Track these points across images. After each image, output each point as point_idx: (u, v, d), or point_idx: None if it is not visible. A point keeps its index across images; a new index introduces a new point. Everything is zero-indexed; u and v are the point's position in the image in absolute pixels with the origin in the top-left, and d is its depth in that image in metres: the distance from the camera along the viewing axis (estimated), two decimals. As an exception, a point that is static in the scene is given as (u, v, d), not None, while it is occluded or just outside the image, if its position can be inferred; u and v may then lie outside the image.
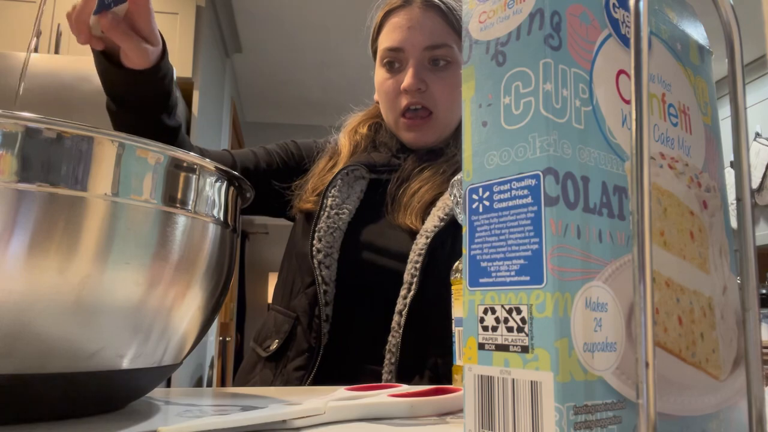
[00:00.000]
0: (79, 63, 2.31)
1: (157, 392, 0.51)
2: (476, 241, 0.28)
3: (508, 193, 0.27)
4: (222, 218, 0.43)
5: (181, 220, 0.38)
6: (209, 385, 3.14)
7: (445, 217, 0.76)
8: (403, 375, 0.72)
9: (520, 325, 0.25)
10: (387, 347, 0.73)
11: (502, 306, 0.26)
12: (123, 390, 0.40)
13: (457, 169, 0.82)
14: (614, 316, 0.26)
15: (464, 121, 0.30)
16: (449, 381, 0.68)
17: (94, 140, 0.34)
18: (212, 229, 0.42)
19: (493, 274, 0.27)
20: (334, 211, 0.80)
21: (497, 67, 0.29)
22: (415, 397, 0.42)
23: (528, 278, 0.25)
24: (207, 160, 0.41)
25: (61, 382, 0.34)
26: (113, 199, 0.35)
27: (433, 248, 0.75)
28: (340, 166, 0.85)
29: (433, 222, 0.77)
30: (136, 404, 0.44)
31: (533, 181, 0.26)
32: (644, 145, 0.23)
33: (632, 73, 0.24)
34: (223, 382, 3.75)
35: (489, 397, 0.26)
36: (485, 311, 0.27)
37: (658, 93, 0.31)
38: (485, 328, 0.27)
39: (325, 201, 0.81)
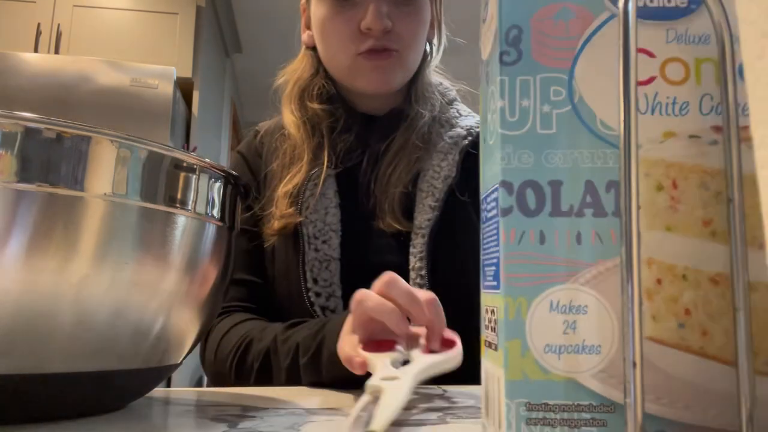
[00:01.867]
0: (79, 63, 2.31)
1: (157, 392, 0.51)
2: (483, 247, 0.31)
3: (487, 206, 0.30)
4: (222, 218, 0.43)
5: (181, 220, 0.38)
6: (209, 385, 3.14)
7: (435, 204, 0.68)
8: None
9: (494, 325, 0.28)
10: None
11: (488, 308, 0.30)
12: (123, 390, 0.40)
13: (425, 133, 0.73)
14: (598, 319, 0.26)
15: (480, 138, 0.33)
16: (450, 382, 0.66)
17: (94, 140, 0.34)
18: (212, 229, 0.42)
19: (485, 279, 0.30)
20: (320, 240, 0.68)
21: (486, 86, 0.31)
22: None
23: (495, 283, 0.28)
24: (207, 159, 0.41)
25: (60, 382, 0.34)
26: (112, 199, 0.35)
27: (434, 245, 0.67)
28: (304, 168, 0.71)
29: (424, 214, 0.68)
30: (136, 404, 0.44)
31: (496, 194, 0.28)
32: (632, 145, 0.24)
33: (620, 72, 0.24)
34: (223, 382, 3.74)
35: (486, 388, 0.30)
36: (485, 311, 0.30)
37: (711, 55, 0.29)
38: (485, 327, 0.30)
39: (304, 229, 0.69)
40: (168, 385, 2.13)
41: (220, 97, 3.33)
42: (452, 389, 0.57)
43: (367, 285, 0.68)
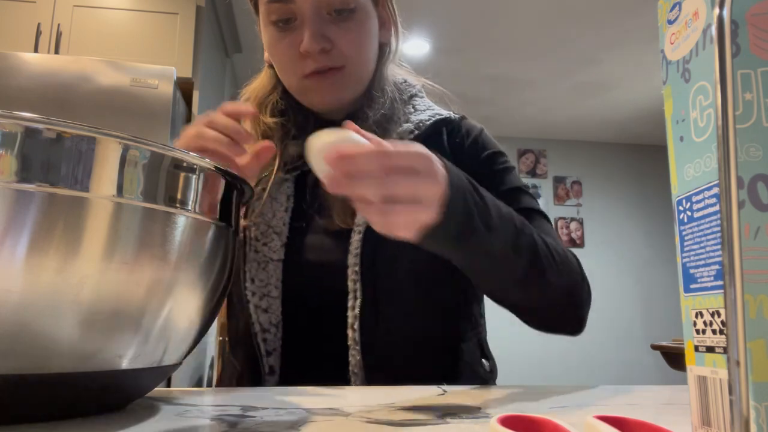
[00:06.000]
0: (79, 63, 2.31)
1: (157, 392, 0.51)
2: (685, 249, 0.30)
3: (702, 202, 0.29)
4: (222, 218, 0.43)
5: (181, 220, 0.38)
6: (209, 385, 3.14)
7: None
8: (370, 378, 0.65)
9: (721, 327, 0.27)
10: (350, 369, 0.65)
11: (707, 310, 0.28)
12: (123, 390, 0.40)
13: (375, 131, 0.70)
14: None
15: (667, 138, 0.33)
16: (419, 381, 0.64)
17: (94, 140, 0.34)
18: (212, 229, 0.42)
19: (699, 280, 0.29)
20: (261, 242, 0.70)
21: (685, 84, 0.31)
22: None
23: (718, 284, 0.27)
24: (206, 160, 0.41)
25: (60, 382, 0.34)
26: (113, 199, 0.35)
27: (373, 242, 0.66)
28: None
29: None
30: (136, 404, 0.44)
31: (713, 191, 0.27)
32: (730, 137, 0.23)
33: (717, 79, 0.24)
34: (223, 382, 3.74)
35: (705, 396, 0.28)
36: (696, 315, 0.29)
37: None
38: (697, 332, 0.29)
39: (247, 232, 0.70)
40: (168, 385, 2.13)
41: (220, 97, 3.33)
42: (452, 389, 0.57)
43: (305, 284, 0.68)
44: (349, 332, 0.66)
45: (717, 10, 0.25)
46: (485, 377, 0.74)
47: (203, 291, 0.42)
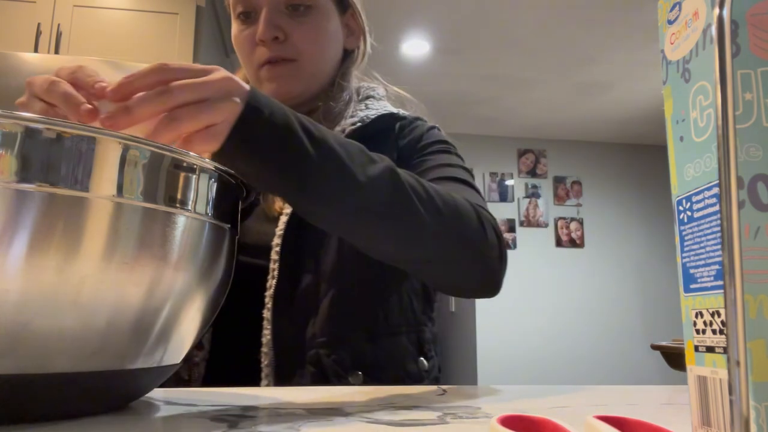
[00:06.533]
0: (79, 63, 2.31)
1: (157, 392, 0.51)
2: (685, 249, 0.30)
3: (702, 202, 0.29)
4: (222, 218, 0.43)
5: (181, 220, 0.38)
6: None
7: None
8: (282, 375, 0.67)
9: (721, 327, 0.27)
10: (262, 349, 0.67)
11: (707, 310, 0.28)
12: (123, 390, 0.40)
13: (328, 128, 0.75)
14: None
15: (667, 138, 0.33)
16: (337, 376, 0.67)
17: (94, 140, 0.34)
18: (212, 229, 0.42)
19: (699, 280, 0.29)
20: None
21: (685, 84, 0.31)
22: None
23: (718, 284, 0.27)
24: (206, 160, 0.41)
25: (60, 382, 0.34)
26: (113, 199, 0.35)
27: (297, 225, 0.68)
28: None
29: None
30: (136, 404, 0.44)
31: (713, 191, 0.28)
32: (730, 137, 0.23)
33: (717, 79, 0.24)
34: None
35: (705, 396, 0.29)
36: (696, 315, 0.29)
37: None
38: (697, 332, 0.29)
39: None
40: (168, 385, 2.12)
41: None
42: (452, 389, 0.57)
43: (238, 264, 0.64)
44: (264, 312, 0.68)
45: (717, 10, 0.25)
46: (417, 376, 0.73)
47: (203, 291, 0.42)
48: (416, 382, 0.72)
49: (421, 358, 0.75)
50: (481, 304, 4.77)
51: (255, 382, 0.68)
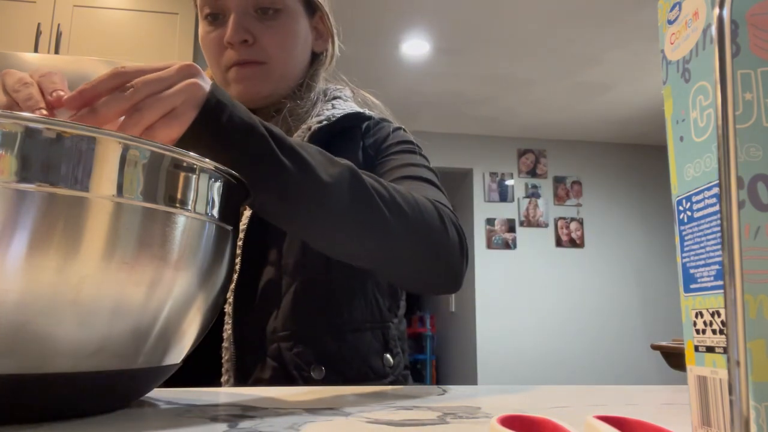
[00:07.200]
0: (79, 63, 2.31)
1: (157, 392, 0.51)
2: (685, 249, 0.30)
3: (702, 202, 0.29)
4: (222, 218, 0.43)
5: (181, 220, 0.38)
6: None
7: None
8: (243, 371, 0.67)
9: (721, 327, 0.27)
10: (222, 344, 0.67)
11: (707, 310, 0.28)
12: (123, 390, 0.40)
13: (289, 128, 0.76)
14: None
15: (667, 138, 0.33)
16: (299, 370, 0.67)
17: (94, 140, 0.34)
18: (212, 229, 0.42)
19: (699, 280, 0.29)
20: None
21: (685, 84, 0.31)
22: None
23: (718, 284, 0.27)
24: (206, 160, 0.41)
25: (60, 382, 0.34)
26: (113, 199, 0.35)
27: (261, 221, 0.67)
28: None
29: None
30: (136, 404, 0.44)
31: (713, 191, 0.28)
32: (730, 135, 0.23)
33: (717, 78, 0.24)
34: (223, 382, 3.74)
35: (705, 396, 0.29)
36: (696, 315, 0.29)
37: None
38: (697, 332, 0.29)
39: None
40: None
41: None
42: (452, 389, 0.57)
43: None
44: (226, 307, 0.68)
45: (717, 10, 0.25)
46: (381, 372, 0.73)
47: (203, 291, 0.42)
48: (380, 378, 0.72)
49: (387, 355, 0.75)
50: (481, 304, 4.78)
51: (216, 378, 0.68)
